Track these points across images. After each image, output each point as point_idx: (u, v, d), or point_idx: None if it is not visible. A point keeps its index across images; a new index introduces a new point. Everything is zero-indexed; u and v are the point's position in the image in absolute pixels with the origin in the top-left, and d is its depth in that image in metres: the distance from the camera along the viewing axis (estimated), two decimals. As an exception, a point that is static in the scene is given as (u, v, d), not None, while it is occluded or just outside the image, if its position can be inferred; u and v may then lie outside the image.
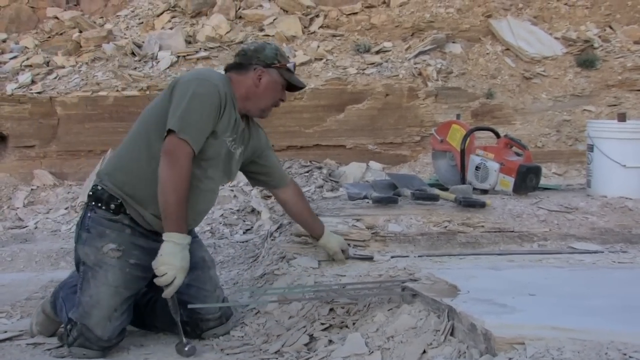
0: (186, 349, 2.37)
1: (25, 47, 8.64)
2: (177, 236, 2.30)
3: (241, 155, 2.66)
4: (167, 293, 2.30)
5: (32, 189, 7.11)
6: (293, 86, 2.69)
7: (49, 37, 8.83)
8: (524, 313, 1.80)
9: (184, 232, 2.33)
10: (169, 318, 2.56)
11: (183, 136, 2.33)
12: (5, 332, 2.71)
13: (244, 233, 5.52)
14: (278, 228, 4.10)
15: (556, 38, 8.35)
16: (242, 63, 2.61)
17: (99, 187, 2.50)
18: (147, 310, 2.65)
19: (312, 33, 8.42)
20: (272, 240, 3.82)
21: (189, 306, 2.45)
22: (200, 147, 2.39)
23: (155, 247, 2.37)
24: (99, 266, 2.42)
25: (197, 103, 2.37)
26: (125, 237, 2.46)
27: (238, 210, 5.93)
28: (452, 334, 1.88)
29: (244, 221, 5.76)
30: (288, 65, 2.63)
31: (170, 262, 2.27)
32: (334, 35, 8.38)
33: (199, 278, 2.55)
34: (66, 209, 6.63)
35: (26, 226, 6.24)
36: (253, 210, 5.92)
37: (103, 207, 2.47)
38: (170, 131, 2.34)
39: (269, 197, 5.98)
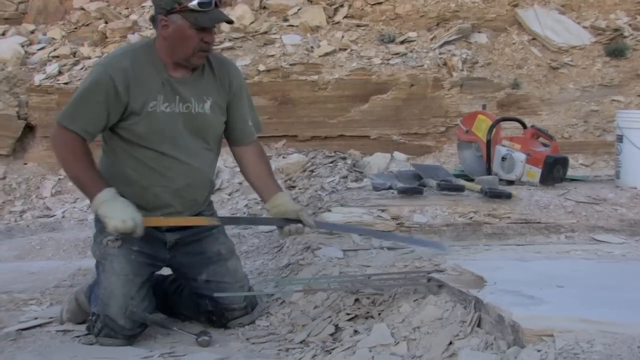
0: (199, 339, 2.39)
1: (53, 38, 8.72)
2: (98, 197, 2.32)
3: (214, 108, 2.49)
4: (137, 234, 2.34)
5: (59, 179, 7.19)
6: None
7: (76, 28, 8.90)
8: (553, 305, 1.78)
9: (101, 189, 2.33)
10: (194, 306, 2.59)
11: (58, 121, 2.39)
12: (36, 318, 2.76)
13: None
14: (303, 218, 4.10)
15: (584, 27, 8.21)
16: (152, 17, 2.45)
17: None
18: (174, 297, 2.67)
19: (336, 23, 8.38)
20: (297, 230, 3.82)
21: (215, 295, 2.47)
22: (79, 122, 2.35)
23: (153, 233, 2.46)
24: (105, 258, 2.46)
25: (80, 92, 2.40)
26: None
27: (262, 200, 5.93)
28: (478, 326, 1.87)
29: (268, 211, 5.76)
30: (190, 5, 2.31)
31: (115, 215, 2.29)
32: (358, 25, 8.33)
33: (216, 272, 2.54)
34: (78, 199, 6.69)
35: (54, 215, 6.32)
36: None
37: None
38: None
39: (293, 187, 5.99)
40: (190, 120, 2.45)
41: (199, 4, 2.30)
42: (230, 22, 2.51)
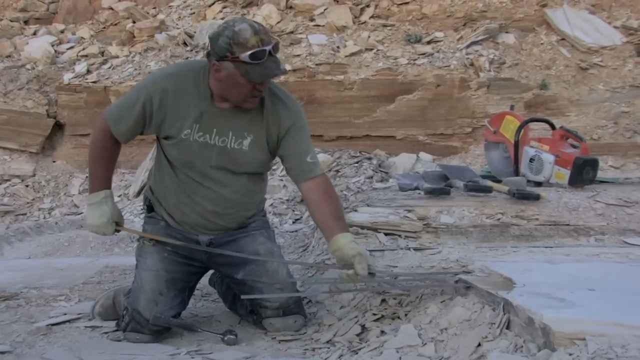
0: (225, 338, 2.39)
1: (82, 37, 8.83)
2: (90, 197, 2.48)
3: (253, 146, 2.41)
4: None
5: (87, 177, 7.26)
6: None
7: (104, 27, 9.01)
8: (584, 308, 1.76)
9: (95, 190, 2.48)
10: (244, 308, 2.59)
11: (108, 119, 2.45)
12: (65, 314, 2.79)
13: (293, 223, 5.53)
14: (328, 218, 4.10)
15: (615, 27, 8.09)
16: (207, 54, 2.35)
17: (146, 187, 2.69)
18: (237, 297, 2.68)
19: (362, 23, 8.37)
20: (323, 230, 3.82)
21: (242, 297, 2.49)
22: (119, 125, 2.42)
23: (187, 236, 2.51)
24: (140, 255, 2.56)
25: (127, 97, 2.45)
26: (159, 228, 2.56)
27: (287, 200, 5.95)
28: (507, 328, 1.84)
29: (293, 211, 5.78)
30: (242, 56, 2.19)
31: (89, 224, 2.48)
32: (384, 25, 8.31)
33: (253, 272, 2.50)
34: (119, 196, 6.77)
35: (81, 212, 6.39)
36: (302, 200, 5.92)
37: (145, 207, 2.65)
38: None
39: (319, 187, 5.98)
40: (225, 154, 2.40)
41: (251, 56, 2.18)
42: (284, 73, 2.32)
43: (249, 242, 2.54)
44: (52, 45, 8.57)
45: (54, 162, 7.61)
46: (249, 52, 2.17)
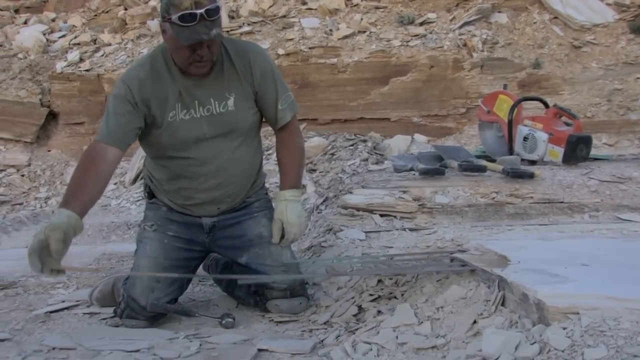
0: (223, 322, 2.40)
1: (73, 25, 8.79)
2: (54, 212, 2.29)
3: (238, 103, 2.40)
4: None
5: (82, 165, 7.26)
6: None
7: (96, 15, 8.96)
8: (577, 283, 1.77)
9: (62, 206, 2.14)
10: (244, 290, 2.60)
11: (97, 139, 2.31)
12: (63, 301, 2.80)
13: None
14: (324, 201, 4.12)
15: (608, 4, 8.08)
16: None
17: (144, 174, 2.64)
18: (233, 280, 2.69)
19: (355, 5, 8.34)
20: (319, 213, 3.84)
21: (239, 282, 2.50)
22: (110, 130, 2.28)
23: (190, 221, 2.50)
24: (140, 241, 2.54)
25: (107, 109, 2.36)
26: (161, 214, 2.55)
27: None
28: (503, 304, 1.86)
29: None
30: (173, 18, 2.16)
31: (34, 236, 2.12)
32: (377, 8, 8.28)
33: (257, 255, 2.50)
34: (115, 184, 6.77)
35: (78, 201, 6.38)
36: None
37: (146, 193, 2.63)
38: None
39: (314, 170, 6.00)
40: (214, 121, 2.39)
41: (180, 18, 2.15)
42: (213, 39, 2.22)
43: (252, 225, 2.54)
44: (44, 34, 8.52)
45: (49, 151, 7.60)
46: (179, 14, 2.15)
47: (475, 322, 1.85)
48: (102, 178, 2.24)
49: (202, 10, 2.16)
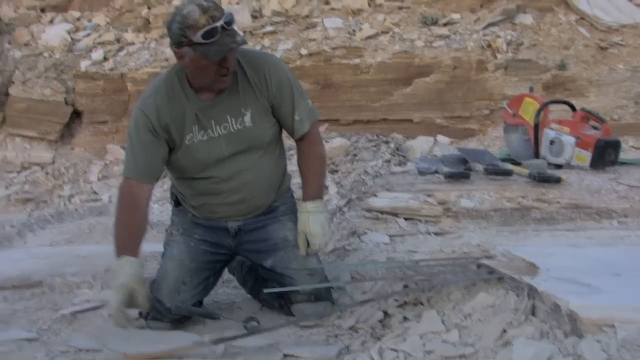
0: (247, 325, 2.39)
1: (98, 24, 8.85)
2: (115, 262, 2.27)
3: (255, 117, 2.37)
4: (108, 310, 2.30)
5: (105, 164, 7.33)
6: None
7: (120, 14, 9.02)
8: (611, 294, 1.73)
9: (122, 254, 2.24)
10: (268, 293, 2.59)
11: (125, 175, 2.36)
12: (89, 301, 2.81)
13: (311, 208, 5.52)
14: (347, 203, 4.10)
15: (637, 5, 7.97)
16: (170, 45, 2.30)
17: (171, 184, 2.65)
18: (257, 283, 2.69)
19: (378, 6, 8.31)
20: (342, 215, 3.82)
21: (265, 291, 2.49)
22: (138, 164, 2.31)
23: (216, 224, 2.51)
24: (167, 244, 2.56)
25: (128, 141, 2.37)
26: (188, 219, 2.56)
27: (305, 185, 5.94)
28: (532, 314, 1.83)
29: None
30: (195, 38, 2.15)
31: (112, 289, 2.25)
32: (400, 8, 8.24)
33: (282, 259, 2.50)
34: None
35: (101, 199, 6.45)
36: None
37: (172, 201, 2.65)
38: None
39: (336, 171, 5.98)
40: (232, 138, 2.37)
41: (203, 36, 2.14)
42: (242, 43, 2.23)
43: (278, 229, 2.53)
44: (69, 33, 8.59)
45: (73, 149, 7.66)
46: (201, 33, 2.14)
47: (504, 331, 1.82)
48: (147, 218, 2.35)
49: (222, 22, 2.17)
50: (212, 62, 2.20)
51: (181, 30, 2.17)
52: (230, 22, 2.19)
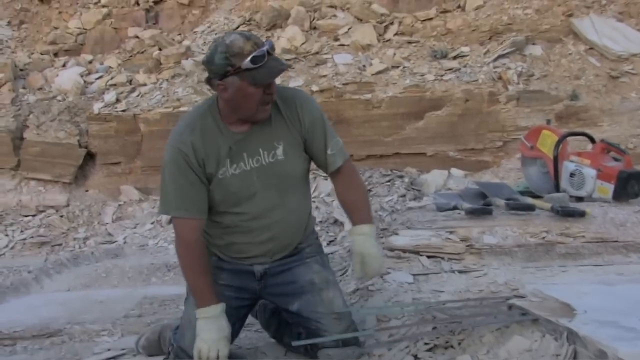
0: None
1: (109, 66, 8.95)
2: (204, 311, 2.28)
3: (287, 151, 2.36)
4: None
5: (119, 205, 7.33)
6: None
7: (131, 56, 9.12)
8: (657, 338, 1.68)
9: (211, 304, 2.29)
10: (294, 337, 2.53)
11: (172, 214, 2.32)
12: (109, 350, 2.76)
13: (327, 244, 5.48)
14: (366, 241, 4.03)
15: (644, 34, 7.99)
16: (207, 79, 2.30)
17: None
18: (281, 327, 2.64)
19: (387, 41, 8.36)
20: (362, 254, 3.76)
21: (294, 343, 2.42)
22: (187, 203, 2.29)
23: (241, 268, 2.45)
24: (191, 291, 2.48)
25: (166, 179, 2.32)
26: (212, 262, 2.48)
27: (320, 222, 5.91)
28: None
29: (327, 232, 5.73)
30: (244, 65, 2.15)
31: (206, 338, 2.27)
32: (409, 42, 8.29)
33: (308, 302, 2.44)
34: (152, 223, 6.79)
35: (116, 241, 6.42)
36: (335, 221, 5.89)
37: None
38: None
39: (352, 208, 5.94)
40: (264, 172, 2.35)
41: (252, 61, 2.14)
42: (288, 66, 2.35)
43: (304, 271, 2.48)
44: (81, 76, 8.69)
45: (87, 191, 7.68)
46: (249, 58, 2.14)
47: (545, 378, 1.76)
48: (208, 257, 2.38)
49: (267, 47, 2.18)
50: (258, 88, 2.19)
51: (227, 60, 2.17)
52: (273, 47, 2.21)
